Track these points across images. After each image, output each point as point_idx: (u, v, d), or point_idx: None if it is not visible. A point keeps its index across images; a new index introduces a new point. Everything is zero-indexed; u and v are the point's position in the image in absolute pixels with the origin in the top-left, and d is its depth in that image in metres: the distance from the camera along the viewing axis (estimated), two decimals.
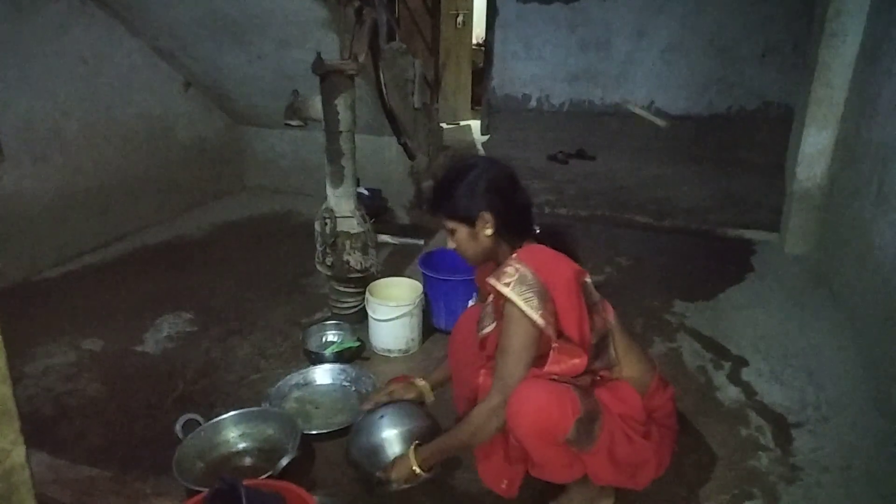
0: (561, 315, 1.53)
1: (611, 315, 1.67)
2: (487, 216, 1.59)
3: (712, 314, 3.00)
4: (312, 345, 2.58)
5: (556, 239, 1.67)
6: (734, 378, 2.48)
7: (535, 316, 1.48)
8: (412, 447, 1.65)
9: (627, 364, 1.67)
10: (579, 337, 1.55)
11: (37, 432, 2.10)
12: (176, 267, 3.47)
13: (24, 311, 2.90)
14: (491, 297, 1.66)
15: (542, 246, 1.61)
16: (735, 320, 2.94)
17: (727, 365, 2.57)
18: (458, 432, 1.60)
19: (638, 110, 3.39)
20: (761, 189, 4.89)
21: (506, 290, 1.49)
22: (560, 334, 1.54)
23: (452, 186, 1.62)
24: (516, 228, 1.64)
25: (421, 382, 1.94)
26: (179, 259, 3.59)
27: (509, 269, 1.52)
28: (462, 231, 1.62)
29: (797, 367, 2.55)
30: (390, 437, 1.73)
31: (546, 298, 1.50)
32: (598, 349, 1.62)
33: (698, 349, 2.69)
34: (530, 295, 1.48)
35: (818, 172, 3.56)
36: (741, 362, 2.59)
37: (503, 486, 1.70)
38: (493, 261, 1.67)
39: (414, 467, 1.61)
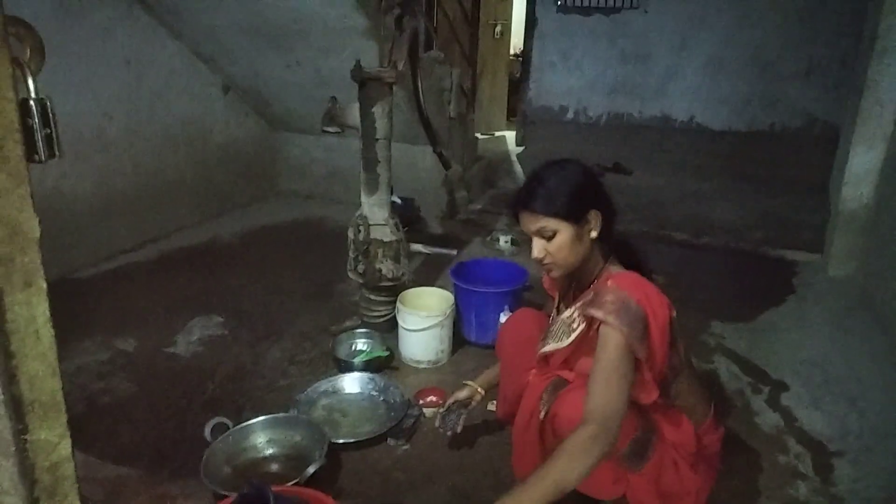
0: (654, 352, 1.45)
1: (681, 350, 1.61)
2: (597, 215, 1.52)
3: (751, 336, 2.91)
4: (342, 352, 2.57)
5: (632, 253, 1.64)
6: (773, 403, 2.40)
7: (638, 346, 1.39)
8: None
9: (685, 398, 1.63)
10: (658, 373, 1.49)
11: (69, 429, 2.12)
12: (208, 270, 3.50)
13: (60, 309, 2.91)
14: (574, 316, 1.58)
15: (640, 276, 1.51)
16: (774, 343, 2.85)
17: (766, 389, 2.49)
18: (548, 472, 1.30)
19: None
20: (804, 208, 4.77)
21: (610, 318, 1.39)
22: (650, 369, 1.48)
23: (558, 184, 1.51)
24: (611, 233, 1.59)
25: (471, 384, 1.94)
26: (212, 262, 3.62)
27: (610, 297, 1.42)
28: (566, 232, 1.50)
29: (838, 394, 2.46)
30: None
31: (644, 333, 1.42)
32: (670, 381, 1.58)
33: (736, 372, 2.61)
34: (631, 325, 1.39)
35: (865, 192, 3.44)
36: (780, 387, 2.51)
37: None
38: (578, 271, 1.59)
39: None
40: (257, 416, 2.06)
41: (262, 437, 2.03)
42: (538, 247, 1.54)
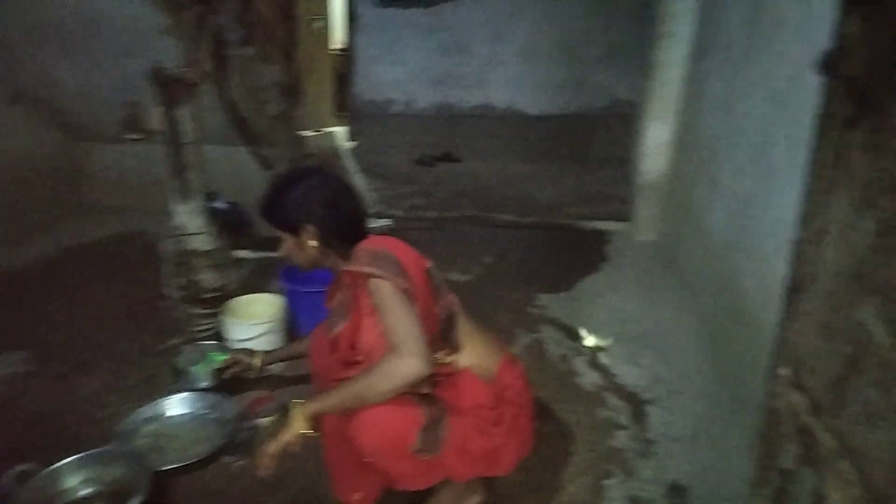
0: (414, 291, 1.54)
1: (452, 300, 1.70)
2: (311, 228, 1.61)
3: (572, 303, 3.12)
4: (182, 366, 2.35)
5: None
6: (593, 363, 2.59)
7: (403, 281, 1.49)
8: (296, 407, 1.50)
9: (471, 348, 1.67)
10: (426, 317, 1.54)
11: None
12: (9, 301, 3.12)
13: None
14: (339, 295, 1.68)
15: (384, 236, 1.65)
16: (593, 308, 3.08)
17: (586, 351, 2.69)
18: (351, 387, 1.45)
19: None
20: (613, 182, 5.18)
21: (367, 268, 1.50)
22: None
23: (280, 196, 1.64)
24: (346, 240, 1.64)
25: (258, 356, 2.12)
26: (12, 292, 3.24)
27: (360, 254, 1.55)
28: (288, 240, 1.66)
29: (649, 347, 2.70)
30: None
31: (402, 271, 1.52)
32: (446, 329, 1.64)
33: (560, 338, 2.79)
34: (388, 268, 1.50)
35: (660, 164, 3.81)
36: (599, 347, 2.72)
37: (355, 498, 1.66)
38: (325, 267, 1.71)
39: (302, 426, 1.48)
40: (70, 456, 1.88)
41: (75, 478, 1.86)
42: (279, 245, 1.70)
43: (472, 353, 1.67)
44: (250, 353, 2.15)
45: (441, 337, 1.62)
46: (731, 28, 2.71)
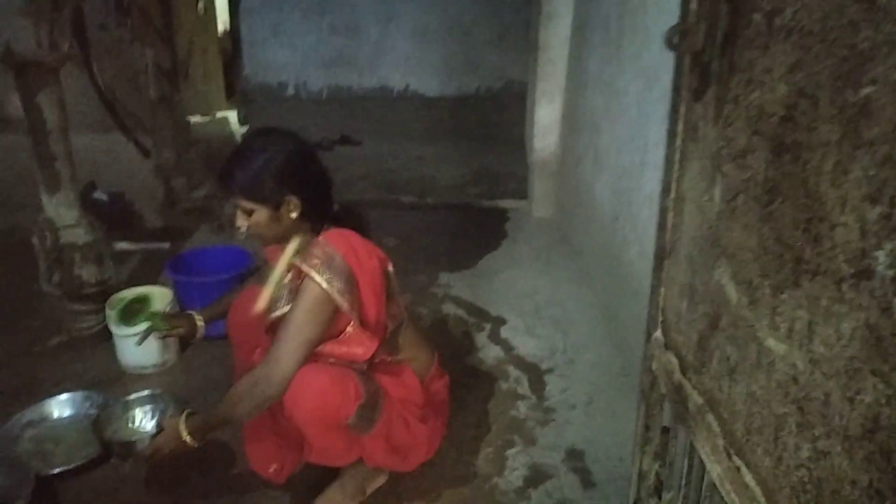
0: (364, 303, 1.51)
1: (404, 304, 1.70)
2: (295, 200, 1.50)
3: (473, 281, 3.18)
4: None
5: (353, 220, 1.64)
6: (494, 337, 2.66)
7: (340, 299, 1.44)
8: (183, 416, 1.51)
9: (410, 349, 1.71)
10: (374, 325, 1.55)
11: None
12: None
13: None
14: (289, 278, 1.58)
15: (351, 231, 1.56)
16: (493, 284, 3.15)
17: (487, 326, 2.75)
18: (220, 405, 1.50)
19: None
20: (510, 161, 5.28)
21: (313, 272, 1.43)
22: (364, 322, 1.53)
23: (250, 164, 1.48)
24: (320, 210, 1.57)
25: (196, 316, 1.89)
26: None
27: (317, 251, 1.46)
28: (262, 213, 1.50)
29: (547, 318, 2.80)
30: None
31: (352, 284, 1.47)
32: (390, 338, 1.64)
33: (462, 315, 2.84)
34: (335, 279, 1.44)
35: (551, 142, 3.92)
36: (500, 322, 2.78)
37: (271, 470, 1.65)
38: (285, 240, 1.59)
39: (184, 436, 1.47)
40: None
41: None
42: (239, 219, 1.54)
43: (410, 355, 1.70)
44: (189, 316, 1.92)
45: (388, 341, 1.63)
46: (606, 8, 2.81)
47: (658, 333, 1.28)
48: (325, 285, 1.43)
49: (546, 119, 3.87)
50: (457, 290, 3.09)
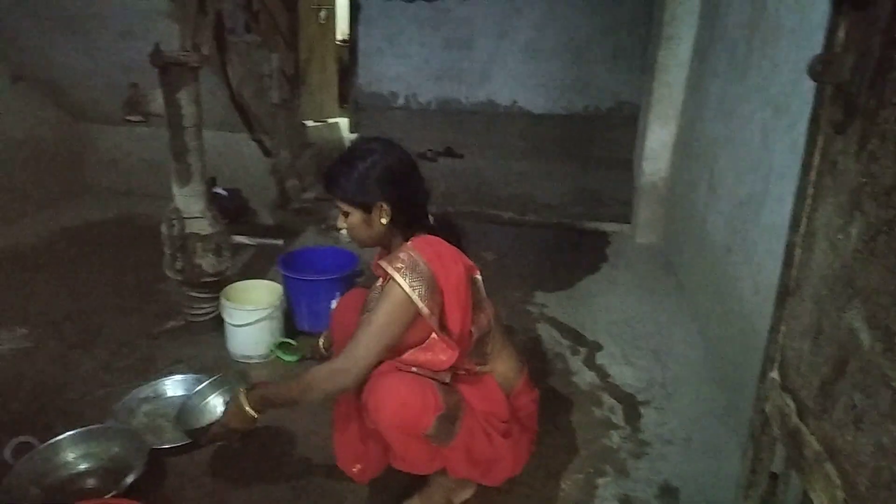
0: (447, 310, 1.53)
1: (491, 314, 1.69)
2: (385, 206, 1.57)
3: (570, 303, 3.13)
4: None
5: (449, 231, 1.67)
6: (589, 362, 2.60)
7: (420, 304, 1.46)
8: (243, 390, 1.62)
9: (499, 362, 1.70)
10: (459, 333, 1.55)
11: None
12: (9, 278, 3.13)
13: None
14: (380, 282, 1.65)
15: (438, 238, 1.59)
16: (590, 307, 3.09)
17: (583, 350, 2.69)
18: (292, 384, 1.59)
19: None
20: (615, 184, 5.19)
21: (396, 275, 1.47)
22: (443, 328, 1.54)
23: (351, 169, 1.57)
24: (412, 218, 1.62)
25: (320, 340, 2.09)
26: (13, 269, 3.25)
27: (402, 256, 1.50)
28: (356, 216, 1.59)
29: (645, 349, 2.71)
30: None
31: (434, 290, 1.49)
32: (477, 346, 1.64)
33: (557, 337, 2.80)
34: (419, 283, 1.47)
35: (662, 167, 3.82)
36: (596, 347, 2.72)
37: (355, 469, 1.68)
38: (385, 245, 1.67)
39: (246, 408, 1.59)
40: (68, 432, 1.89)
41: (73, 453, 1.87)
42: (339, 219, 1.64)
43: (498, 367, 1.70)
44: (314, 339, 2.15)
45: (473, 350, 1.63)
46: (732, 33, 2.72)
47: (775, 373, 1.22)
48: (406, 289, 1.46)
49: (658, 142, 3.77)
50: (552, 310, 3.05)
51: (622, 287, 3.35)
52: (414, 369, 1.56)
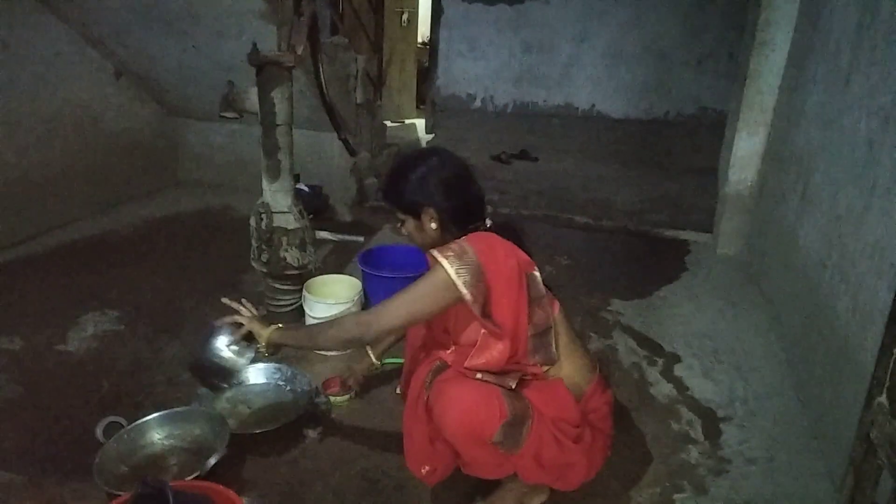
0: (494, 299, 1.53)
1: (556, 311, 1.67)
2: (431, 212, 1.62)
3: (647, 312, 3.07)
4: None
5: (508, 234, 1.67)
6: (667, 374, 2.54)
7: (464, 290, 1.49)
8: (271, 328, 1.79)
9: (568, 363, 1.67)
10: (513, 325, 1.55)
11: None
12: (104, 263, 3.32)
13: None
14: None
15: (492, 234, 1.63)
16: (669, 318, 3.01)
17: (660, 361, 2.63)
18: (318, 326, 1.79)
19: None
20: (696, 191, 5.04)
21: (444, 261, 1.51)
22: (488, 317, 1.54)
23: (402, 178, 1.65)
24: (464, 223, 1.65)
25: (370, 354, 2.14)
26: (108, 255, 3.44)
27: (454, 246, 1.55)
28: (410, 222, 1.67)
29: (726, 364, 2.63)
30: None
31: (479, 278, 1.51)
32: (538, 343, 1.61)
33: (633, 346, 2.74)
34: (464, 271, 1.50)
35: (749, 176, 3.68)
36: (674, 359, 2.65)
37: (424, 471, 1.69)
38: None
39: (262, 341, 1.79)
40: (155, 413, 1.99)
41: (159, 433, 1.97)
42: (402, 225, 1.72)
43: (567, 368, 1.68)
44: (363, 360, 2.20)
45: (533, 349, 1.61)
46: (836, 40, 2.59)
47: (883, 398, 1.16)
48: (451, 273, 1.49)
49: (745, 151, 3.64)
50: (628, 318, 3.00)
51: (702, 298, 3.25)
52: (479, 376, 1.56)
